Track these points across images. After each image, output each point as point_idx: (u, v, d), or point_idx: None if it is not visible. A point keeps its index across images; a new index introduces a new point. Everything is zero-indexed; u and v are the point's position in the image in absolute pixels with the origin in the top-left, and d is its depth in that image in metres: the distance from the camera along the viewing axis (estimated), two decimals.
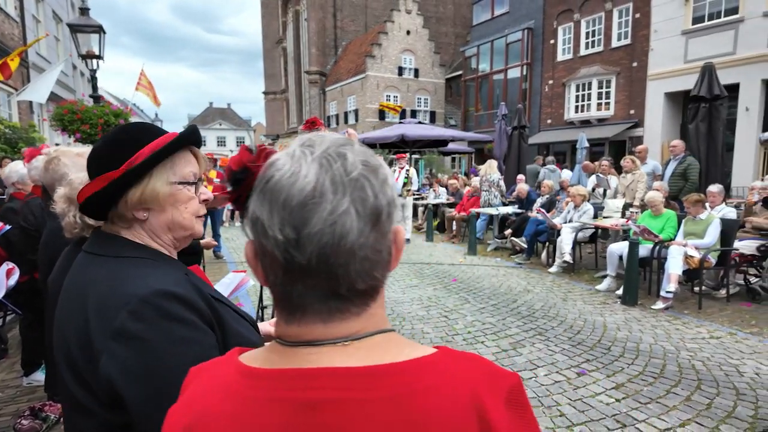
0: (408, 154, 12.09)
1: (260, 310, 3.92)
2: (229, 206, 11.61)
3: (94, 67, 7.10)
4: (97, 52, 7.00)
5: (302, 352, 0.50)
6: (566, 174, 11.41)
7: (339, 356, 0.49)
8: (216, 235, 7.53)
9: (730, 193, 12.62)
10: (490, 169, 9.18)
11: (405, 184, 9.07)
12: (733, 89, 13.09)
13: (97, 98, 7.25)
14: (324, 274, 0.47)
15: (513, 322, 4.55)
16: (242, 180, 0.55)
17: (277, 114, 44.35)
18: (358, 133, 19.15)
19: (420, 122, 16.06)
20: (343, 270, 0.47)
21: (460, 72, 27.68)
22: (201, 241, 3.14)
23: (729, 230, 5.12)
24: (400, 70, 30.09)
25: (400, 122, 15.83)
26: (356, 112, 30.32)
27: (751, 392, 3.11)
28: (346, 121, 31.35)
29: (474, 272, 6.67)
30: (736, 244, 5.22)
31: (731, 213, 5.55)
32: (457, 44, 32.81)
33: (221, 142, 58.94)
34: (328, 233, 0.45)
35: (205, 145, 51.74)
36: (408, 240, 9.15)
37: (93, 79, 7.30)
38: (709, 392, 3.12)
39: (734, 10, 13.71)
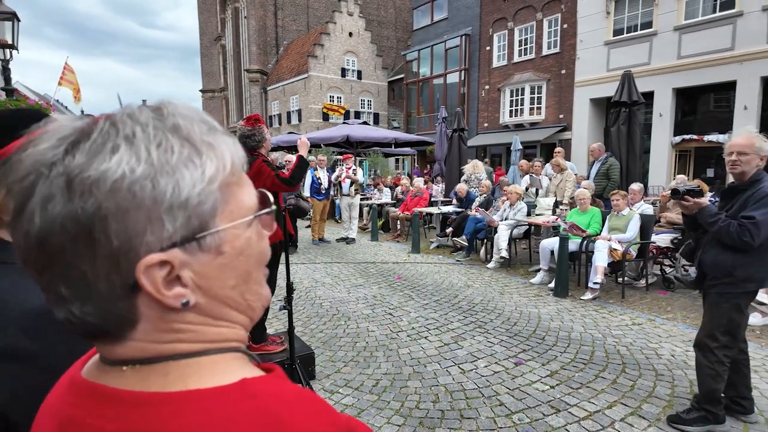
0: (353, 155, 12.11)
1: None
2: None
3: (7, 57, 6.48)
4: (10, 41, 6.39)
5: (97, 366, 0.44)
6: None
7: (115, 379, 0.41)
8: None
9: (647, 192, 13.78)
10: (477, 169, 9.40)
11: (353, 184, 9.07)
12: (649, 96, 14.27)
13: (10, 91, 6.62)
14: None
15: (454, 316, 4.67)
16: None
17: (216, 113, 42.69)
18: (301, 133, 18.88)
19: (365, 123, 16.13)
20: (50, 292, 0.40)
21: (402, 75, 28.09)
22: None
23: (647, 225, 5.58)
24: (343, 72, 30.05)
25: (345, 123, 15.81)
26: (299, 112, 29.89)
27: (668, 372, 3.40)
28: (288, 121, 30.81)
29: (418, 270, 6.78)
30: (653, 237, 5.70)
31: (649, 209, 6.04)
32: (399, 48, 33.32)
33: None
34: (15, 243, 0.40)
35: None
36: (353, 240, 9.15)
37: (5, 71, 6.65)
38: (632, 375, 3.37)
39: (649, 24, 14.96)
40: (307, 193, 8.80)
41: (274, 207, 0.49)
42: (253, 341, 3.46)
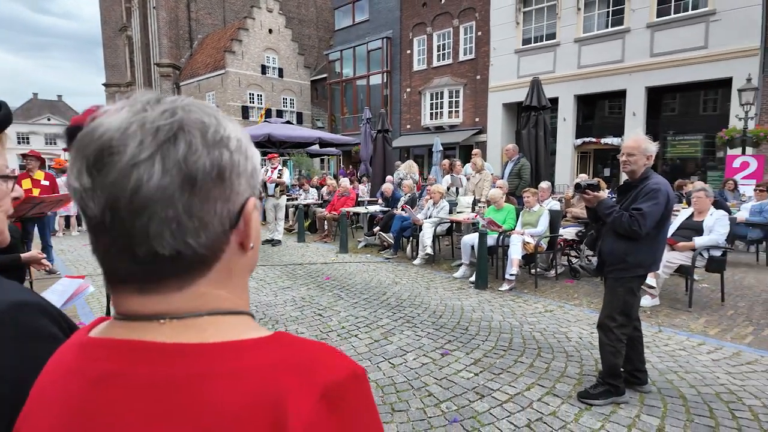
0: (278, 155, 11.83)
1: None
2: (62, 212, 10.00)
3: None
4: None
5: (118, 325, 0.47)
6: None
7: (150, 333, 0.45)
8: (46, 247, 6.42)
9: (554, 190, 14.99)
10: (412, 169, 9.54)
11: (278, 185, 8.84)
12: (554, 102, 15.52)
13: None
14: (118, 231, 0.42)
15: (384, 313, 4.76)
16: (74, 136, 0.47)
17: None
18: None
19: (288, 122, 15.79)
20: (141, 228, 0.42)
21: (325, 75, 27.91)
22: (23, 255, 2.61)
23: (555, 219, 6.07)
24: (264, 69, 29.21)
25: (266, 121, 15.37)
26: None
27: (577, 353, 3.73)
28: None
29: (346, 269, 6.79)
30: (561, 231, 6.22)
31: (556, 205, 6.58)
32: (321, 47, 33.08)
33: (51, 141, 49.99)
34: (122, 183, 0.41)
35: (28, 142, 43.82)
36: (279, 242, 8.94)
37: None
38: (547, 357, 3.66)
39: (553, 36, 16.27)
40: None
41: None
42: None
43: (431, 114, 20.63)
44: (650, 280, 4.68)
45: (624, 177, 3.09)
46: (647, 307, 4.77)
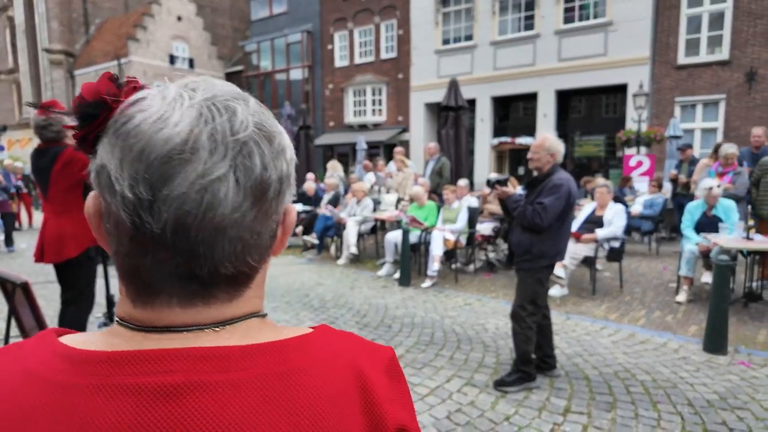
0: None
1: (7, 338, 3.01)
2: None
3: None
4: None
5: (156, 337, 0.41)
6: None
7: (209, 340, 0.42)
8: None
9: (473, 188, 15.67)
10: (336, 169, 9.44)
11: None
12: (472, 103, 16.18)
13: None
14: (180, 250, 0.39)
15: (306, 315, 4.64)
16: (94, 116, 0.41)
17: (3, 99, 34.81)
18: None
19: None
20: (207, 249, 0.39)
21: (241, 67, 26.73)
22: None
23: (473, 216, 6.31)
24: (172, 59, 27.33)
25: None
26: None
27: (494, 344, 3.89)
28: None
29: (269, 272, 6.52)
30: (478, 227, 6.47)
31: (474, 202, 6.84)
32: (237, 38, 31.59)
33: None
34: (193, 200, 0.37)
35: None
36: None
37: None
38: (466, 349, 3.78)
39: (471, 37, 16.90)
40: None
41: None
42: None
43: (355, 111, 20.57)
44: (559, 271, 5.02)
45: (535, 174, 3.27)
46: (557, 297, 5.10)
